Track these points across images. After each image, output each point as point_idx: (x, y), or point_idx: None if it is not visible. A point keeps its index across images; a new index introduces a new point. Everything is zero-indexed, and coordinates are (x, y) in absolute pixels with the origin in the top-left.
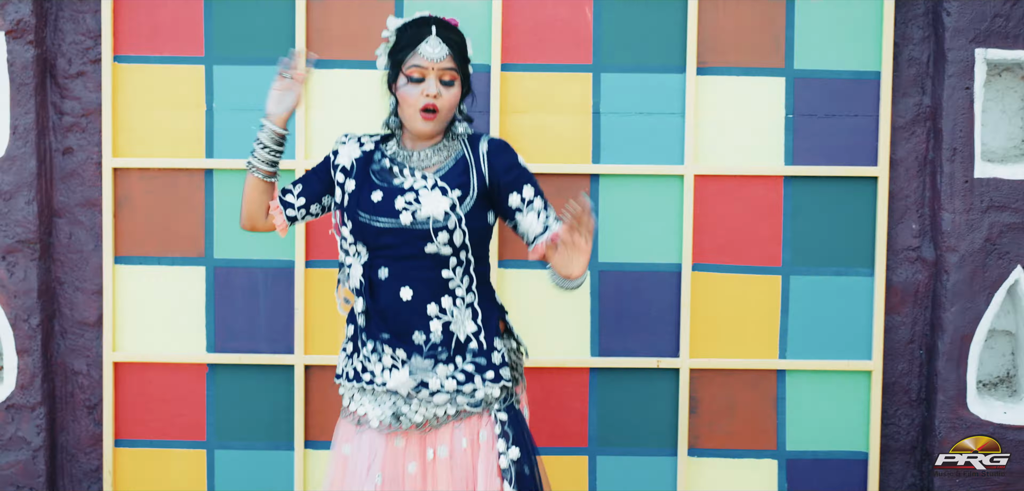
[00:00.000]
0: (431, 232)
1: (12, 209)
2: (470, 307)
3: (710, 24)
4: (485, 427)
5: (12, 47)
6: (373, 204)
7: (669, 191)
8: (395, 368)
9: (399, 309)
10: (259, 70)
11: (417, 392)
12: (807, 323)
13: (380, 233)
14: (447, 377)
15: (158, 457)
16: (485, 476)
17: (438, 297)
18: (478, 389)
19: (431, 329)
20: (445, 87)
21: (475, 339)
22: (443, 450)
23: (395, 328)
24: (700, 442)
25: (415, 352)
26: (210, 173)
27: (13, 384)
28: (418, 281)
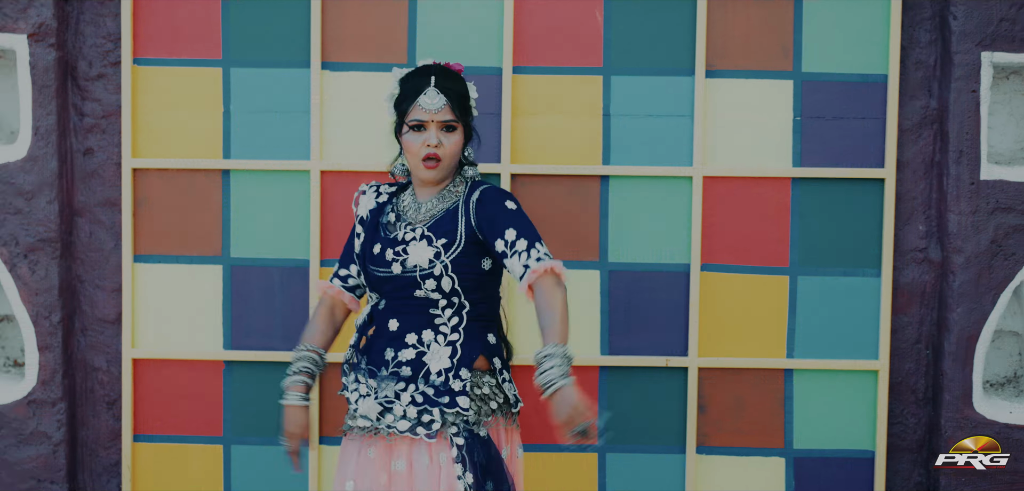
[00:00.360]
0: (418, 279)
1: (34, 208)
2: (450, 345)
3: (719, 27)
4: (443, 450)
5: (34, 50)
6: (374, 256)
7: (678, 192)
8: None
9: (385, 335)
10: (275, 72)
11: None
12: (815, 323)
13: (381, 281)
14: (408, 403)
15: (176, 452)
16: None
17: (420, 330)
18: (435, 421)
19: (400, 356)
20: (446, 134)
21: (444, 373)
22: (402, 464)
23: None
24: (708, 440)
25: (383, 365)
26: (227, 174)
27: (35, 380)
28: (405, 315)
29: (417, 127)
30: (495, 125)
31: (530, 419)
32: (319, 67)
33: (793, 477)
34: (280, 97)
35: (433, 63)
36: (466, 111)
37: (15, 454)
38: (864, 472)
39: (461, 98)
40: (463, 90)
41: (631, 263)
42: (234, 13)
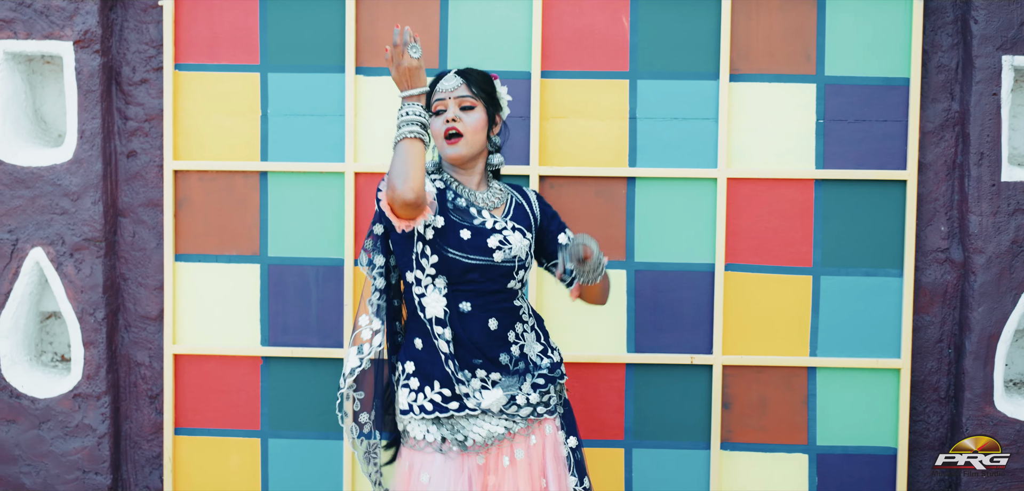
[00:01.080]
0: (515, 269)
1: (79, 209)
2: (533, 330)
3: (743, 32)
4: (550, 423)
5: (80, 56)
6: (463, 241)
7: (703, 193)
8: (485, 388)
9: (487, 337)
10: (311, 77)
11: (508, 407)
12: (837, 322)
13: (467, 269)
14: (529, 392)
15: (215, 445)
16: (554, 464)
17: (514, 325)
18: (552, 396)
19: (512, 352)
20: (465, 112)
21: (544, 355)
22: (520, 452)
23: (485, 354)
24: (733, 436)
25: (502, 372)
26: (265, 175)
27: (80, 374)
28: (500, 312)
29: (440, 111)
30: (524, 128)
31: None
32: (354, 72)
33: (816, 473)
34: (316, 101)
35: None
36: (488, 94)
37: (61, 446)
38: (886, 469)
39: (479, 82)
40: (484, 78)
41: (657, 263)
42: (272, 20)
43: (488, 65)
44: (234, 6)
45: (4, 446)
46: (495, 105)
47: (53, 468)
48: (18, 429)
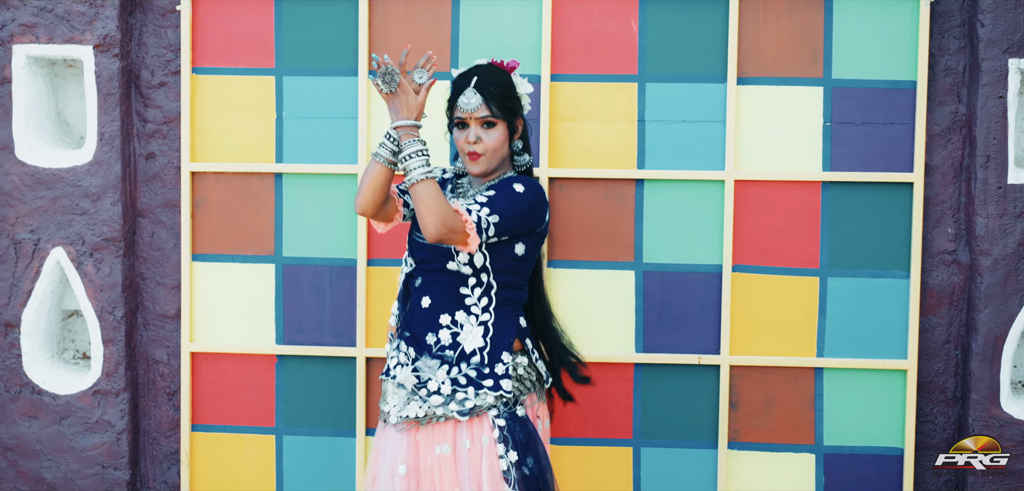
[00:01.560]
0: (453, 250)
1: (99, 209)
2: (483, 325)
3: (750, 36)
4: (486, 432)
5: (99, 60)
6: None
7: (711, 195)
8: (403, 365)
9: (418, 314)
10: (325, 80)
11: (419, 389)
12: (844, 323)
13: (418, 247)
14: (444, 381)
15: (231, 441)
16: (489, 476)
17: (453, 310)
18: (468, 398)
19: (441, 336)
20: (485, 131)
21: (480, 353)
22: (446, 448)
23: (414, 330)
24: (740, 436)
25: (425, 351)
26: (280, 177)
27: (99, 371)
28: (437, 293)
29: (461, 125)
30: (534, 130)
31: (565, 412)
32: (366, 75)
33: (823, 473)
34: (329, 104)
35: (483, 63)
36: (508, 108)
37: (81, 441)
38: (893, 469)
39: (500, 96)
40: (505, 89)
41: (665, 264)
42: (286, 24)
43: None
44: (250, 10)
45: (26, 441)
46: (516, 112)
47: (73, 463)
48: (39, 425)
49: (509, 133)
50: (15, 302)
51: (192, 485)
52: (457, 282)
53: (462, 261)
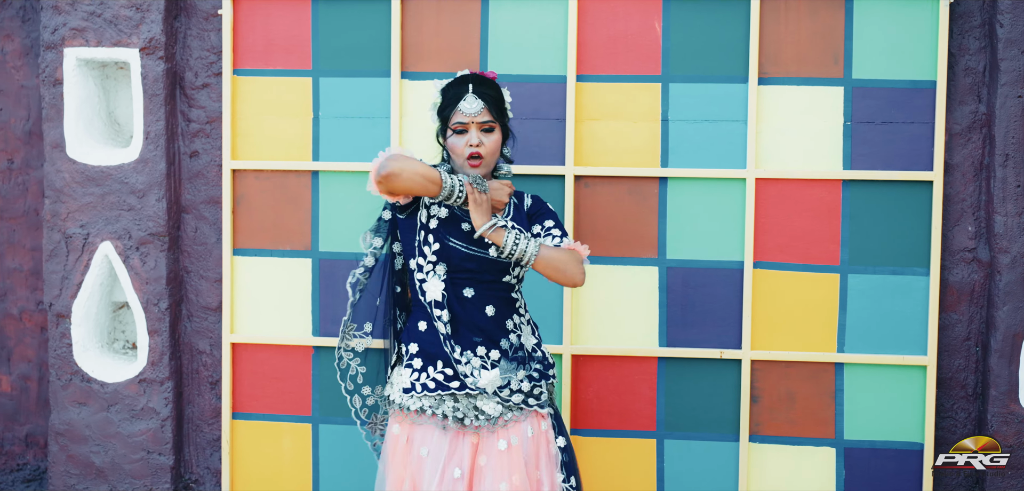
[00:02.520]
0: (511, 265)
1: (145, 205)
2: (529, 324)
3: (771, 37)
4: (544, 420)
5: (145, 62)
6: (463, 233)
7: (732, 193)
8: (484, 368)
9: (485, 322)
10: (360, 81)
11: (501, 391)
12: (865, 319)
13: (465, 258)
14: (522, 380)
15: (270, 429)
16: (546, 462)
17: (511, 315)
18: (543, 392)
19: (511, 340)
20: (485, 134)
21: (536, 349)
22: (514, 440)
23: (486, 336)
24: (761, 429)
25: (503, 356)
26: (316, 174)
27: (145, 361)
28: (497, 301)
29: (460, 130)
30: (560, 130)
31: (591, 405)
32: (399, 76)
33: (843, 466)
34: (364, 104)
35: (469, 73)
36: (502, 113)
37: (128, 428)
38: (913, 464)
39: (497, 102)
40: (498, 95)
41: (688, 260)
42: (323, 28)
43: (525, 69)
44: (288, 14)
45: (75, 427)
46: (506, 118)
47: (120, 448)
48: (89, 411)
49: (502, 137)
50: (66, 294)
51: (232, 471)
52: (508, 290)
53: (514, 275)
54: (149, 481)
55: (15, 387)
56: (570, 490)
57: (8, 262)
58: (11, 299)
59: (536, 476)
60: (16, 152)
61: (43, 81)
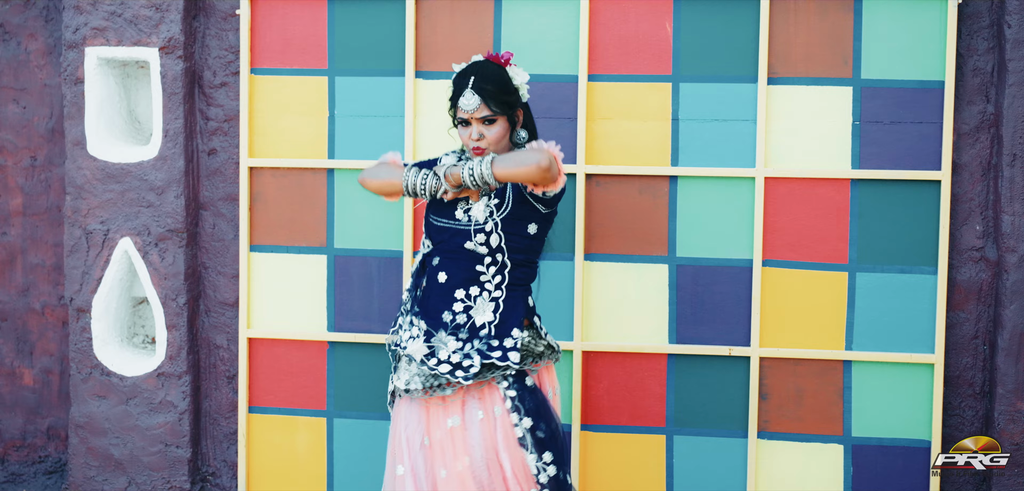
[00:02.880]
0: (472, 231)
1: (163, 202)
2: (494, 301)
3: (781, 37)
4: (497, 403)
5: (164, 62)
6: (442, 207)
7: (742, 192)
8: (414, 338)
9: (436, 290)
10: (374, 80)
11: (428, 359)
12: (873, 317)
13: (438, 230)
14: (454, 352)
15: (285, 423)
16: (504, 443)
17: (467, 285)
18: (474, 366)
19: (455, 310)
20: (486, 126)
21: (488, 326)
22: (456, 420)
23: (430, 306)
24: (770, 426)
25: (441, 327)
26: (332, 172)
27: (163, 355)
28: (454, 269)
29: (464, 123)
30: (571, 128)
31: (602, 401)
32: (413, 76)
33: (851, 463)
34: (378, 103)
35: (480, 59)
36: (506, 103)
37: (146, 420)
38: (921, 461)
39: (497, 92)
40: (501, 85)
41: (698, 258)
42: (339, 28)
43: (538, 69)
44: (304, 15)
45: (95, 419)
46: (514, 104)
47: (139, 441)
48: (108, 404)
49: (510, 125)
50: (86, 289)
51: (248, 464)
52: (474, 260)
53: (479, 241)
54: (167, 473)
55: (37, 381)
56: (545, 467)
57: (31, 257)
58: (34, 294)
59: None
60: (39, 149)
61: (65, 80)
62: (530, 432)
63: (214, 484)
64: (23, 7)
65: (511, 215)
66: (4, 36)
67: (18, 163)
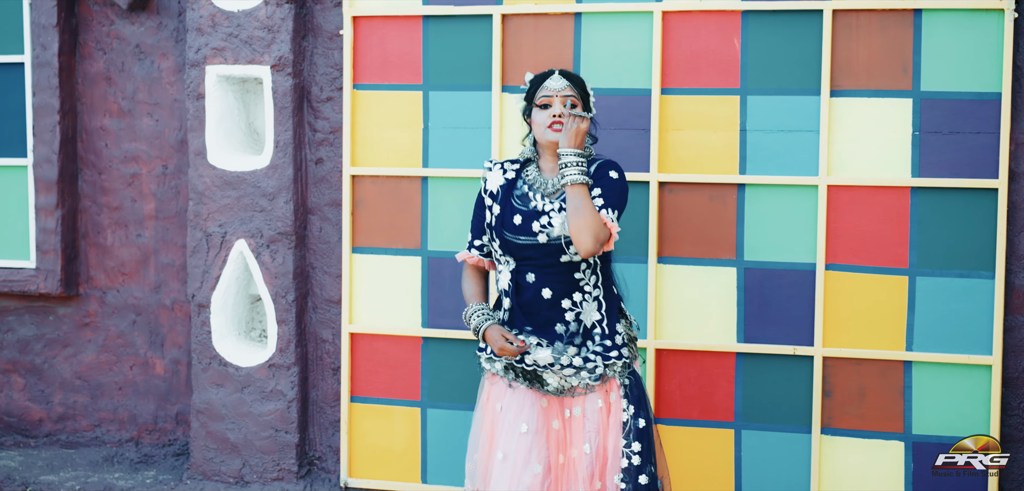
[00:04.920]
0: (563, 245)
1: (274, 207)
2: (595, 300)
3: (843, 51)
4: (614, 391)
5: (275, 78)
6: (516, 226)
7: (806, 199)
8: (539, 346)
9: (542, 304)
10: (465, 94)
11: (553, 366)
12: (932, 319)
13: (522, 248)
14: (575, 356)
15: (383, 412)
16: (614, 429)
17: (571, 294)
18: (598, 367)
19: (567, 320)
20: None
21: (599, 326)
22: (578, 410)
23: (538, 321)
24: (833, 422)
25: (557, 339)
26: (426, 180)
27: (274, 348)
28: (556, 283)
29: (544, 105)
30: (645, 139)
31: (673, 396)
32: (499, 90)
33: (912, 460)
34: (468, 115)
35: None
36: (585, 96)
37: (259, 408)
38: None
39: (581, 84)
40: (582, 82)
41: (764, 261)
42: (432, 46)
43: (614, 83)
44: (402, 34)
45: (214, 406)
46: (588, 105)
47: (252, 426)
48: (225, 392)
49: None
50: (206, 286)
51: (350, 449)
52: (571, 270)
53: (572, 252)
54: (277, 457)
55: (167, 370)
56: (632, 455)
57: (162, 257)
58: (165, 291)
59: (601, 444)
60: (170, 159)
61: (188, 95)
62: (633, 419)
63: (320, 467)
64: (156, 29)
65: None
66: (140, 55)
67: (152, 171)
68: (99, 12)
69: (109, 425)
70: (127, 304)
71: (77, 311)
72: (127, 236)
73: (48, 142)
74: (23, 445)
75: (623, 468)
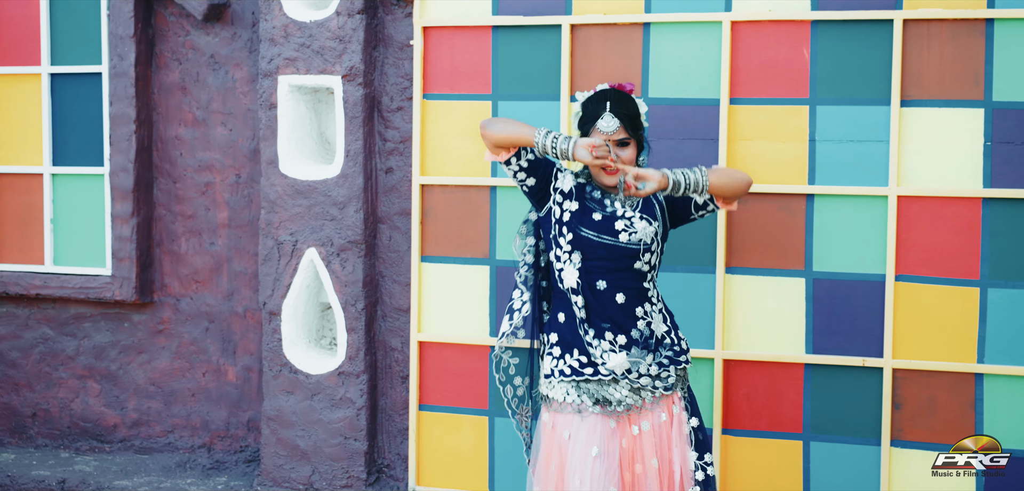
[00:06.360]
0: (640, 252)
1: (344, 216)
2: (660, 312)
3: (914, 61)
4: (676, 403)
5: (346, 88)
6: (595, 222)
7: (876, 210)
8: (613, 351)
9: (615, 310)
10: (534, 104)
11: (628, 374)
12: (1004, 331)
13: (596, 247)
14: (651, 366)
15: (451, 420)
16: (678, 441)
17: (642, 301)
18: (671, 376)
19: (639, 327)
20: (620, 148)
21: (668, 336)
22: (647, 424)
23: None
24: (903, 434)
25: (633, 344)
26: (495, 189)
27: (343, 355)
28: (628, 289)
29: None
30: (713, 149)
31: (741, 407)
32: (569, 100)
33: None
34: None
35: (608, 88)
36: (637, 127)
37: (328, 415)
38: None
39: (632, 118)
40: (634, 110)
41: (833, 272)
42: (502, 56)
43: (683, 93)
44: (471, 44)
45: (284, 413)
46: (641, 131)
47: (321, 434)
48: (295, 399)
49: (638, 149)
50: (277, 294)
51: (419, 457)
52: (640, 278)
53: (645, 261)
54: (346, 464)
55: (239, 377)
56: (704, 467)
57: (235, 265)
58: (237, 299)
59: (668, 456)
60: (243, 168)
61: (260, 105)
62: (695, 431)
63: (388, 475)
64: (230, 39)
65: (662, 237)
66: (214, 65)
67: (225, 180)
68: (175, 23)
69: (182, 431)
70: (200, 311)
71: (151, 318)
72: (200, 244)
73: (124, 151)
74: (98, 450)
75: (699, 481)
